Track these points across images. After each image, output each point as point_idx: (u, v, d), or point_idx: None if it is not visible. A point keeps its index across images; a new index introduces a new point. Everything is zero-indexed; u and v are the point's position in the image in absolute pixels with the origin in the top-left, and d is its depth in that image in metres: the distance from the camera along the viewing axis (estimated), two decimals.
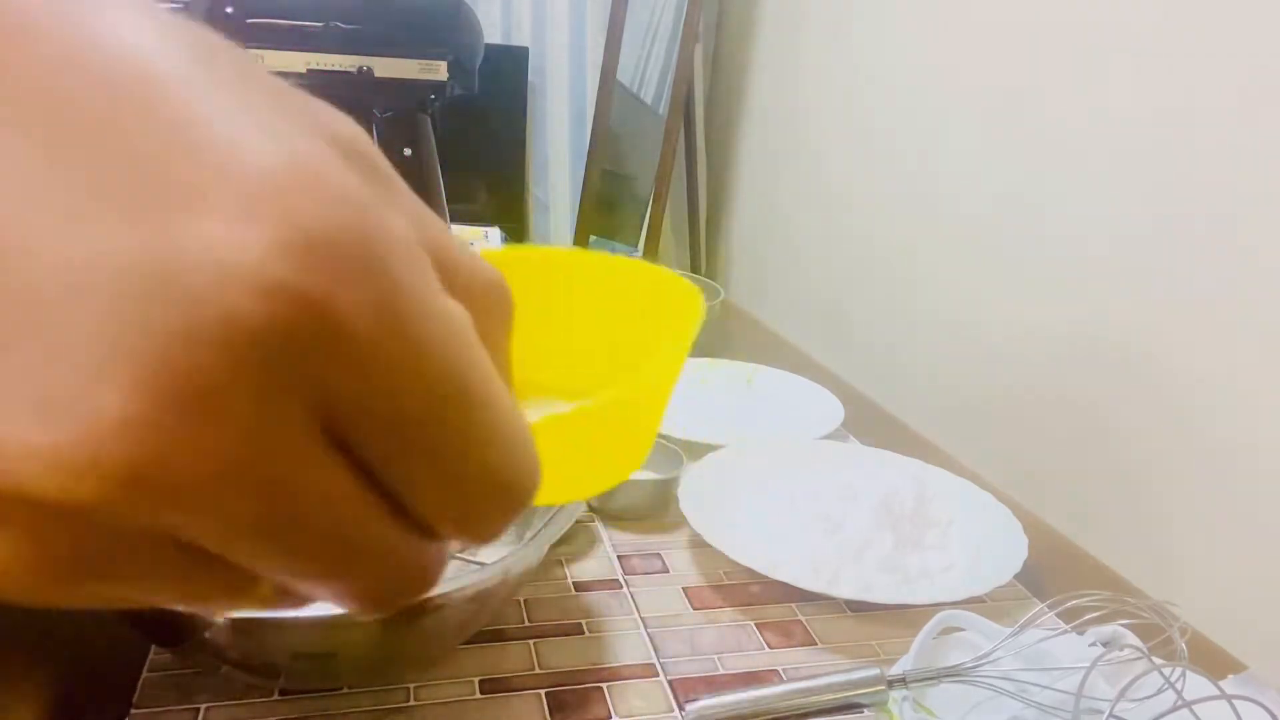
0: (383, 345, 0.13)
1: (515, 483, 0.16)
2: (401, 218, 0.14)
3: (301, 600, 0.16)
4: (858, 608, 0.61)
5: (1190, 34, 0.95)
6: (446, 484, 0.15)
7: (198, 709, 0.49)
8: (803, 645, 0.58)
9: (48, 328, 0.12)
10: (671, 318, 0.31)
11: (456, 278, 0.15)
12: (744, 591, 0.62)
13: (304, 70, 1.04)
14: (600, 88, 2.08)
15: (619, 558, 0.66)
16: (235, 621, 0.45)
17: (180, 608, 0.15)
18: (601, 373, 0.29)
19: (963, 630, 0.56)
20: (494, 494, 0.15)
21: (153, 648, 0.52)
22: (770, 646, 0.57)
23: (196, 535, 0.13)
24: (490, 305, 0.17)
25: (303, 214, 0.13)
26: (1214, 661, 0.58)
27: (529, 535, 0.54)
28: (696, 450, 0.76)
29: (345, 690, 0.51)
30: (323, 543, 0.14)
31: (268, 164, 0.13)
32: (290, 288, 0.12)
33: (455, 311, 0.15)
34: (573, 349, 0.30)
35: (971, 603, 0.59)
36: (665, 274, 0.33)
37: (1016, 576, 0.63)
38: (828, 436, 0.85)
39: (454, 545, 0.17)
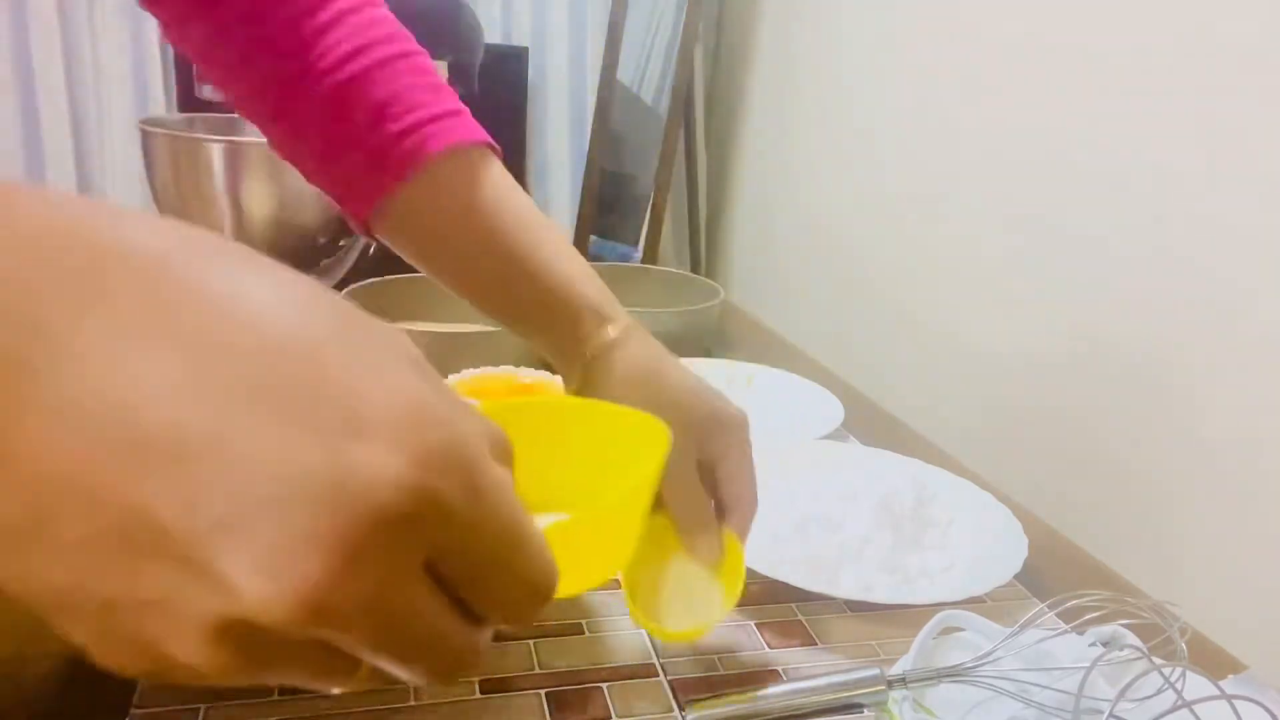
0: (471, 511, 0.21)
1: (544, 583, 0.23)
2: (468, 420, 0.22)
3: (389, 680, 0.22)
4: (858, 608, 0.61)
5: (1185, 46, 0.95)
6: (503, 593, 0.23)
7: (198, 709, 0.49)
8: (803, 645, 0.58)
9: (269, 514, 0.18)
10: (642, 447, 0.41)
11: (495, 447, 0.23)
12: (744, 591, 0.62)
13: None
14: (600, 88, 2.08)
15: None
16: None
17: (305, 686, 0.22)
18: (589, 493, 0.40)
19: (963, 630, 0.56)
20: (532, 594, 0.23)
21: None
22: (770, 646, 0.57)
23: (341, 641, 0.20)
24: (505, 457, 0.24)
25: (424, 439, 0.20)
26: (1214, 661, 0.58)
27: None
28: None
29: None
30: (421, 642, 0.21)
31: (398, 404, 0.20)
32: (420, 486, 0.20)
33: (504, 477, 0.22)
34: (566, 476, 0.42)
35: (971, 603, 0.59)
36: (638, 416, 0.44)
37: (1016, 576, 0.63)
38: (828, 436, 0.85)
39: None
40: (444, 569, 0.21)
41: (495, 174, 0.57)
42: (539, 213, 0.57)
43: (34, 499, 0.19)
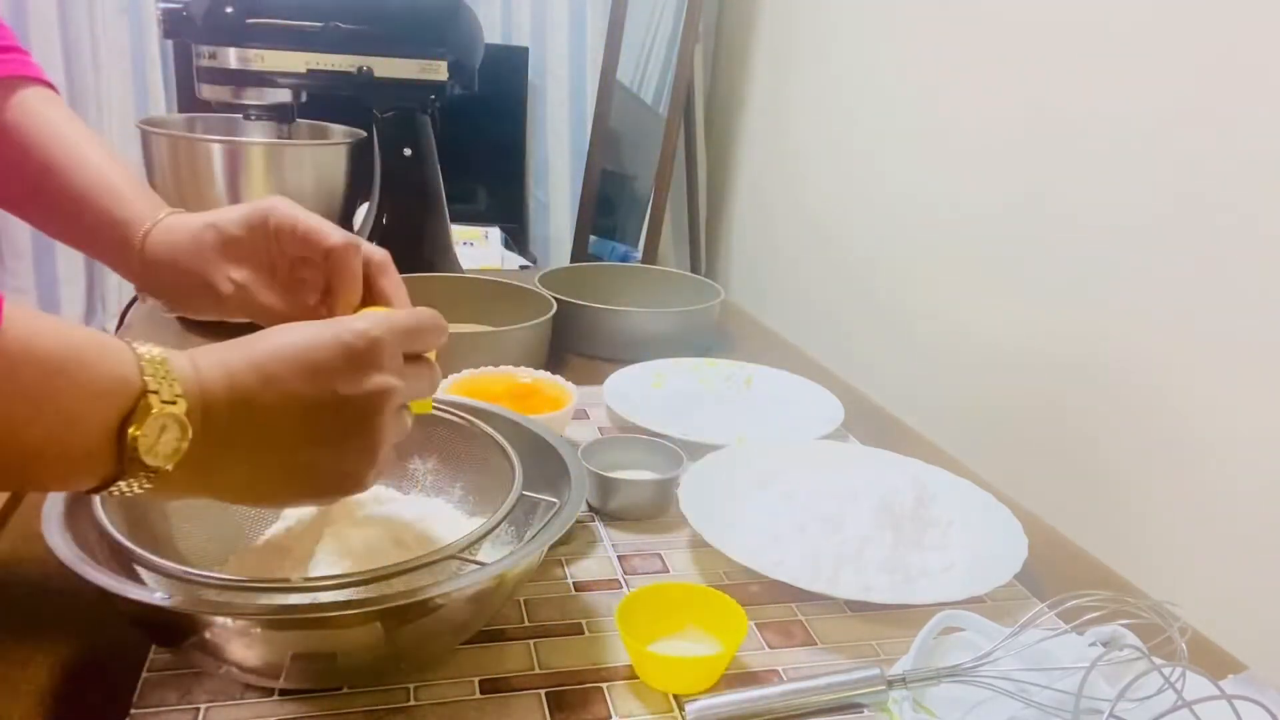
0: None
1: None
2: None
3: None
4: (858, 608, 0.61)
5: (1182, 46, 0.95)
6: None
7: (198, 709, 0.49)
8: (803, 645, 0.58)
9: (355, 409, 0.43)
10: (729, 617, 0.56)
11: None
12: (744, 591, 0.62)
13: (304, 70, 1.04)
14: (600, 88, 2.08)
15: (619, 558, 0.66)
16: (235, 622, 0.45)
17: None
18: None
19: (963, 630, 0.56)
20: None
21: (153, 648, 0.52)
22: (770, 646, 0.57)
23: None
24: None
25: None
26: (1214, 661, 0.58)
27: (529, 535, 0.54)
28: (696, 450, 0.76)
29: (345, 690, 0.51)
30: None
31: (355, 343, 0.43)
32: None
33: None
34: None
35: (971, 603, 0.59)
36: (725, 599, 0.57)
37: (1016, 576, 0.63)
38: (828, 436, 0.85)
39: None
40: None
41: (41, 103, 0.60)
42: (82, 129, 0.60)
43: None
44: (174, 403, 0.37)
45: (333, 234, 0.53)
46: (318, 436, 0.42)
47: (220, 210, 0.56)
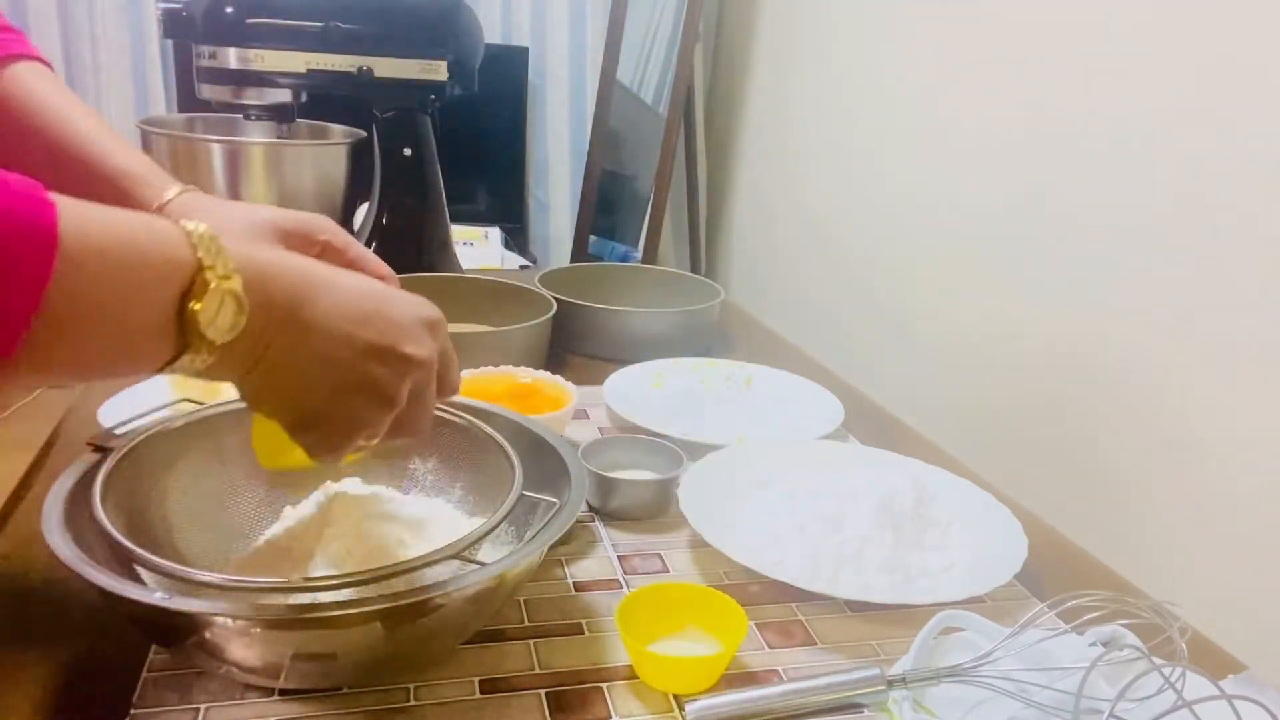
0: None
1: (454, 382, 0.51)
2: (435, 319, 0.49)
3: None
4: (858, 608, 0.61)
5: (1179, 47, 0.95)
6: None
7: (198, 709, 0.49)
8: (803, 645, 0.58)
9: (409, 326, 0.47)
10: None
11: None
12: (744, 591, 0.62)
13: (304, 70, 1.04)
14: (600, 88, 2.08)
15: (619, 558, 0.66)
16: (235, 622, 0.45)
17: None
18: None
19: (963, 630, 0.56)
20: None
21: (153, 648, 0.52)
22: (770, 646, 0.57)
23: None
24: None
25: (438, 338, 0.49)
26: (1214, 661, 0.58)
27: (529, 535, 0.54)
28: (696, 450, 0.76)
29: (345, 690, 0.51)
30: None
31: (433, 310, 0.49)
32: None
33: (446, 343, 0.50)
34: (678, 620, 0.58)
35: (971, 603, 0.59)
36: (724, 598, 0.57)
37: (1016, 576, 0.63)
38: (828, 436, 0.85)
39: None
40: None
41: (37, 81, 0.62)
42: (85, 108, 0.62)
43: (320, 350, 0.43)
44: (229, 278, 0.38)
45: (381, 268, 0.59)
46: (353, 365, 0.44)
47: (264, 206, 0.58)
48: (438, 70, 1.10)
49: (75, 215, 0.35)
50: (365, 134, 1.17)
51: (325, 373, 0.43)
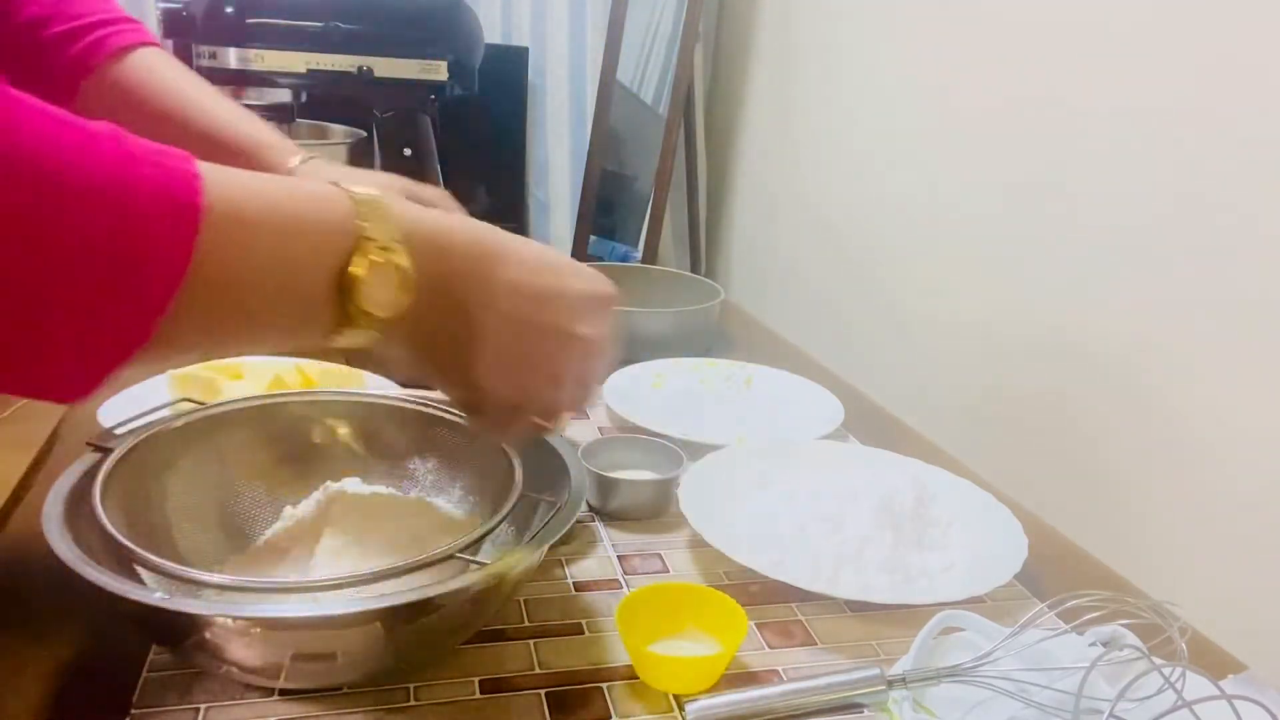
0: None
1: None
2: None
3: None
4: (858, 608, 0.61)
5: (1176, 48, 0.95)
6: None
7: (198, 709, 0.49)
8: (803, 645, 0.58)
9: (582, 304, 0.46)
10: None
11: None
12: (744, 591, 0.62)
13: (304, 70, 1.04)
14: (600, 88, 2.08)
15: (619, 558, 0.66)
16: (235, 622, 0.45)
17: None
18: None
19: (963, 630, 0.56)
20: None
21: (153, 648, 0.52)
22: (770, 646, 0.57)
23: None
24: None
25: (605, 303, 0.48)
26: (1214, 661, 0.58)
27: (529, 535, 0.54)
28: (696, 450, 0.76)
29: (345, 690, 0.51)
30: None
31: (606, 287, 0.48)
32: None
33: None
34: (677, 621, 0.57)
35: (971, 603, 0.59)
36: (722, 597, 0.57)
37: (1016, 576, 0.63)
38: (828, 436, 0.85)
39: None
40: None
41: (165, 64, 0.65)
42: (207, 87, 0.65)
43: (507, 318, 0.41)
44: (391, 249, 0.36)
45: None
46: (530, 345, 0.43)
47: (387, 174, 0.61)
48: (438, 70, 1.10)
49: (225, 186, 0.33)
50: (365, 134, 1.17)
51: (501, 353, 0.42)
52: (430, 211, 0.40)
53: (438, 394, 0.57)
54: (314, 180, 0.38)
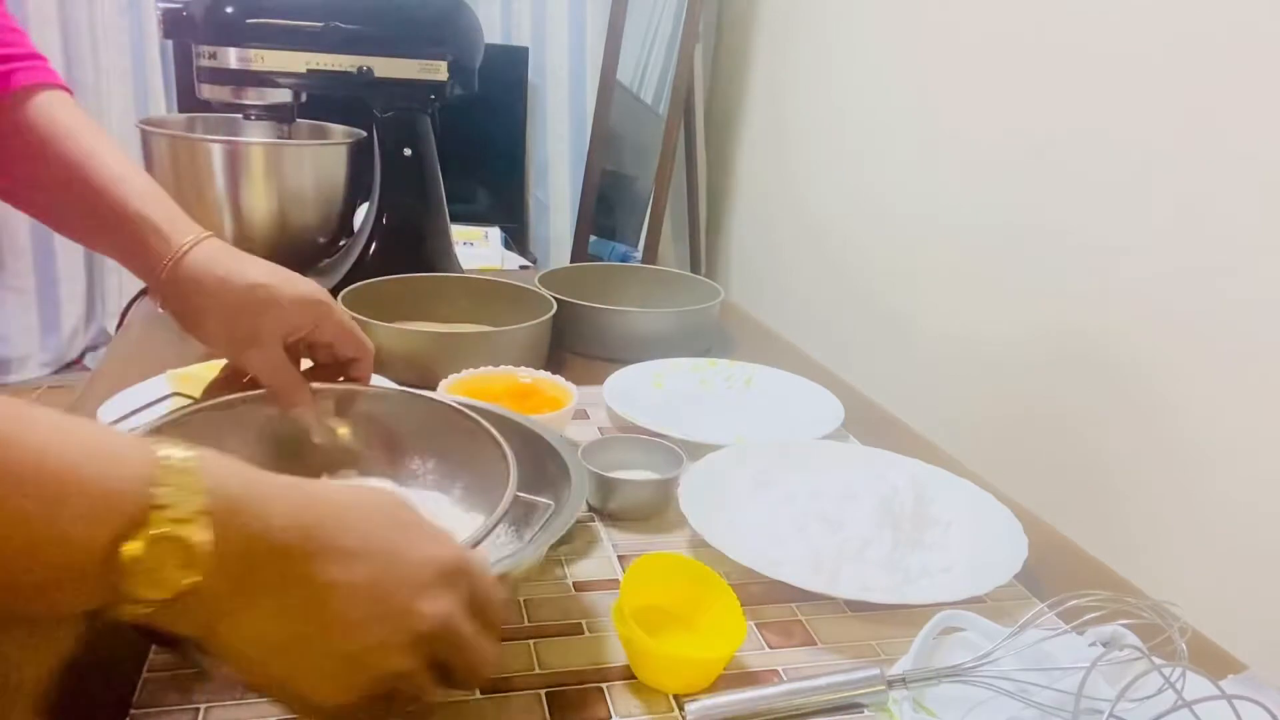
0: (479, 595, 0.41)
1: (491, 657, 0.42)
2: (474, 562, 0.42)
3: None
4: (858, 608, 0.61)
5: (1174, 50, 0.95)
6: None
7: (198, 709, 0.49)
8: (803, 645, 0.58)
9: (420, 584, 0.38)
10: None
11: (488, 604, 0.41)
12: (744, 591, 0.61)
13: (304, 70, 1.04)
14: (600, 88, 2.08)
15: (619, 558, 0.66)
16: None
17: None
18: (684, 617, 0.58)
19: (963, 630, 0.56)
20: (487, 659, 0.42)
21: (153, 648, 0.52)
22: (770, 646, 0.57)
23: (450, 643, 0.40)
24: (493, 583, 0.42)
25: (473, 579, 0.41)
26: (1214, 661, 0.58)
27: (529, 535, 0.54)
28: (696, 450, 0.76)
29: None
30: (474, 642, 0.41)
31: (451, 554, 0.40)
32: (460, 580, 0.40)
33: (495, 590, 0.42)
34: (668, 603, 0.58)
35: (971, 603, 0.59)
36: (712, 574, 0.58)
37: (1016, 576, 0.63)
38: (828, 436, 0.85)
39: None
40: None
41: (68, 112, 0.61)
42: (109, 143, 0.61)
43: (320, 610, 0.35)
44: (185, 520, 0.31)
45: (369, 342, 0.62)
46: (358, 657, 0.36)
47: (269, 269, 0.58)
48: (438, 70, 1.10)
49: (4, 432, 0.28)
50: (365, 134, 1.17)
51: (324, 661, 0.36)
52: (259, 479, 0.36)
53: (439, 393, 0.57)
54: (123, 434, 0.33)
